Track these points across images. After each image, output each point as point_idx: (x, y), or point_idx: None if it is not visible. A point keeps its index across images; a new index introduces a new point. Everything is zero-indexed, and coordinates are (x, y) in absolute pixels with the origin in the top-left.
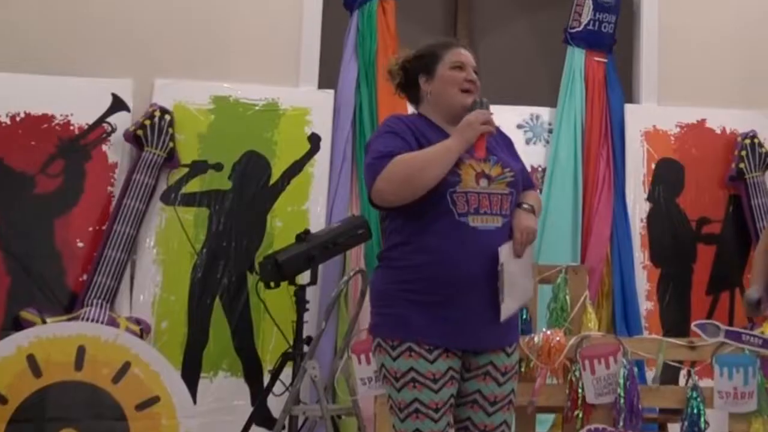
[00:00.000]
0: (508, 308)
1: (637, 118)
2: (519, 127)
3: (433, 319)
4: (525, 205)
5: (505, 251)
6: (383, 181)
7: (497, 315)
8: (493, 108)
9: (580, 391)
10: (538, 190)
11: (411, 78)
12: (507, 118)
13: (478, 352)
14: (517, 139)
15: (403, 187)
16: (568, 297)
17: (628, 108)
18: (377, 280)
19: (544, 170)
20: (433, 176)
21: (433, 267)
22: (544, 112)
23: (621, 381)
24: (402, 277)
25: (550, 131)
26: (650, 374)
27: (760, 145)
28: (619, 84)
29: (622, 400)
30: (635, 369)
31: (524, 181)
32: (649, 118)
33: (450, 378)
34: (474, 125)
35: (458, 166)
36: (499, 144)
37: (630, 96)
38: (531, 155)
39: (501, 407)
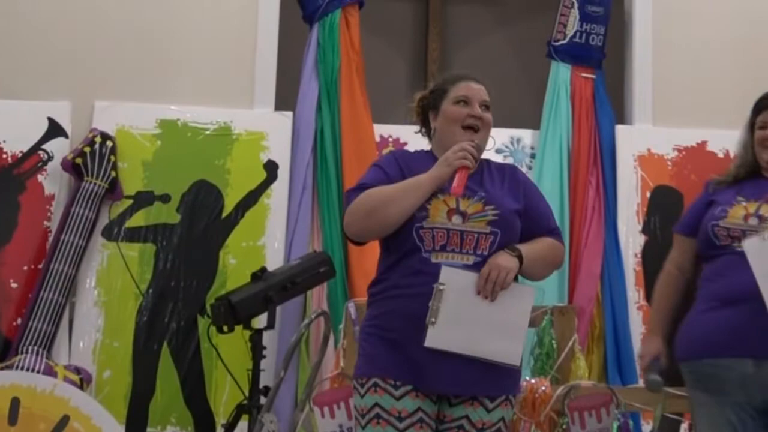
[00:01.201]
0: (438, 339)
1: (630, 141)
2: (498, 151)
3: (400, 357)
4: (509, 247)
5: (453, 275)
6: (349, 214)
7: (472, 360)
8: None
9: None
10: (561, 242)
11: (425, 115)
12: None
13: (453, 403)
14: None
15: (366, 221)
16: (554, 341)
17: (620, 129)
18: (363, 319)
19: None
20: (397, 211)
21: (399, 304)
22: (526, 135)
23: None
24: (374, 313)
25: (533, 156)
26: (647, 428)
27: None
28: (609, 103)
29: None
30: (630, 422)
31: (539, 226)
32: (643, 140)
33: (419, 420)
34: (449, 160)
35: (428, 201)
36: (502, 181)
37: (621, 116)
38: None
39: None
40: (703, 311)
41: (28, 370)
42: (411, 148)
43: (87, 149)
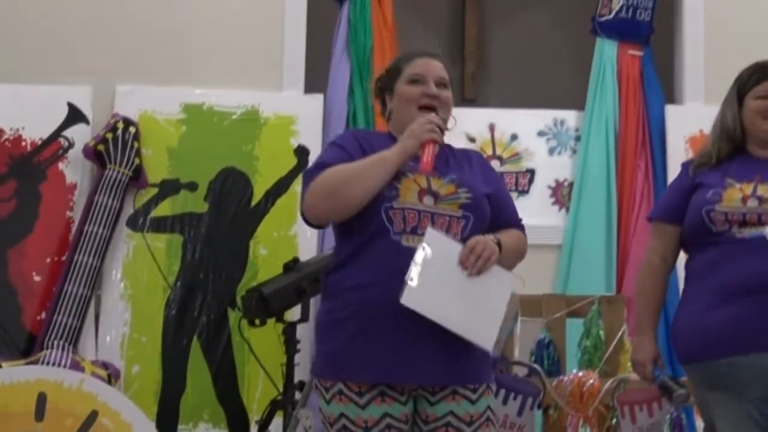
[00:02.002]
0: (414, 300)
1: (681, 122)
2: (541, 134)
3: (364, 352)
4: (489, 235)
5: (438, 239)
6: (310, 194)
7: (440, 347)
8: (510, 112)
9: None
10: (524, 234)
11: (384, 97)
12: (526, 123)
13: (433, 401)
14: (539, 148)
15: (329, 202)
16: (602, 332)
17: (670, 110)
18: (318, 312)
19: (570, 185)
20: (361, 191)
21: (362, 293)
22: (570, 117)
23: (666, 430)
24: (335, 305)
25: (578, 138)
26: (701, 423)
27: None
28: (658, 81)
29: None
30: (683, 417)
31: (505, 216)
32: (695, 120)
33: (387, 427)
34: (416, 132)
35: (398, 180)
36: (470, 165)
37: (671, 95)
38: (555, 167)
39: None
40: (708, 307)
41: (54, 365)
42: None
43: (109, 135)
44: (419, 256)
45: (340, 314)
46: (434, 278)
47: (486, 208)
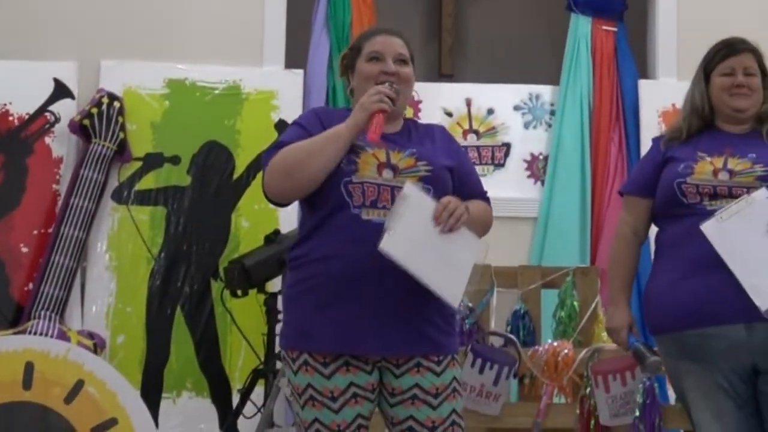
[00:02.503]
0: (393, 247)
1: (654, 96)
2: (516, 108)
3: (329, 324)
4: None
5: (415, 193)
6: (268, 174)
7: (402, 318)
8: (486, 87)
9: (592, 411)
10: (490, 207)
11: (348, 74)
12: (502, 98)
13: (398, 374)
14: (515, 122)
15: (287, 180)
16: (576, 303)
17: (643, 84)
18: (284, 284)
19: (546, 158)
20: (316, 167)
21: (325, 265)
22: (546, 91)
23: (639, 400)
24: (298, 277)
25: (553, 113)
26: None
27: None
28: (631, 56)
29: (640, 422)
30: (656, 386)
31: (470, 189)
32: (668, 95)
33: (353, 396)
34: (365, 104)
35: (357, 155)
36: (432, 139)
37: (645, 70)
38: (531, 141)
39: (444, 431)
40: (680, 279)
41: (41, 335)
42: (425, 105)
43: (94, 110)
44: (399, 206)
45: (303, 286)
46: (410, 230)
47: (447, 180)
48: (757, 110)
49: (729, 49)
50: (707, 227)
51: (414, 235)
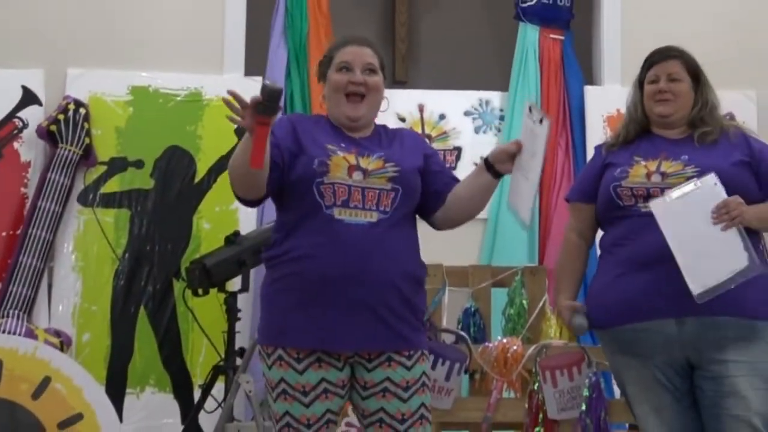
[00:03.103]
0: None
1: (599, 102)
2: (467, 114)
3: (304, 321)
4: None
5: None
6: (230, 177)
7: (375, 315)
8: (438, 93)
9: (541, 405)
10: None
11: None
12: (454, 104)
13: (370, 368)
14: (466, 127)
15: (238, 182)
16: (525, 301)
17: (589, 90)
18: (261, 284)
19: None
20: (241, 170)
21: (301, 264)
22: (495, 97)
23: (586, 394)
24: (275, 276)
25: (502, 118)
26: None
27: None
28: (577, 64)
29: (587, 416)
30: (602, 381)
31: (446, 178)
32: (613, 100)
33: (323, 391)
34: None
35: (328, 157)
36: (401, 143)
37: (590, 77)
38: (481, 145)
39: (412, 423)
40: (617, 277)
41: (9, 333)
42: (380, 111)
43: (61, 116)
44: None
45: (280, 285)
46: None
47: (415, 181)
48: (684, 114)
49: (656, 57)
50: (656, 205)
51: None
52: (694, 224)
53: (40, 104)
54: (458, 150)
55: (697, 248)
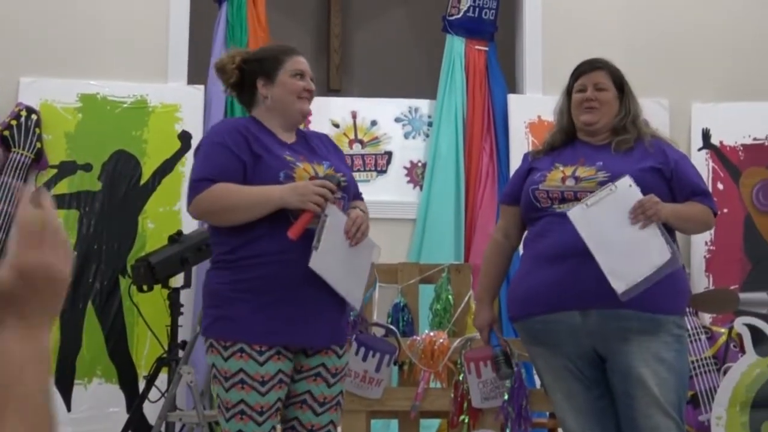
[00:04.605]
0: (319, 264)
1: (521, 109)
2: (397, 120)
3: (265, 319)
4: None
5: (334, 212)
6: (196, 208)
7: (328, 313)
8: (370, 101)
9: (465, 395)
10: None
11: (248, 80)
12: (385, 111)
13: (310, 354)
14: (396, 132)
15: (209, 217)
16: (451, 297)
17: (512, 98)
18: (210, 281)
19: (424, 165)
20: (240, 219)
21: (263, 266)
22: (424, 105)
23: (508, 384)
24: (235, 276)
25: (430, 124)
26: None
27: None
28: (501, 73)
29: (509, 405)
30: (523, 371)
31: (355, 189)
32: (534, 108)
33: (279, 381)
34: (306, 197)
35: (292, 169)
36: (329, 150)
37: (513, 86)
38: (410, 150)
39: (329, 408)
40: (529, 271)
41: None
42: (315, 118)
43: (14, 122)
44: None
45: (244, 285)
46: (330, 245)
47: (353, 188)
48: (607, 122)
49: (583, 67)
50: (573, 213)
51: (332, 250)
52: (612, 226)
53: None
54: (389, 154)
55: (618, 249)
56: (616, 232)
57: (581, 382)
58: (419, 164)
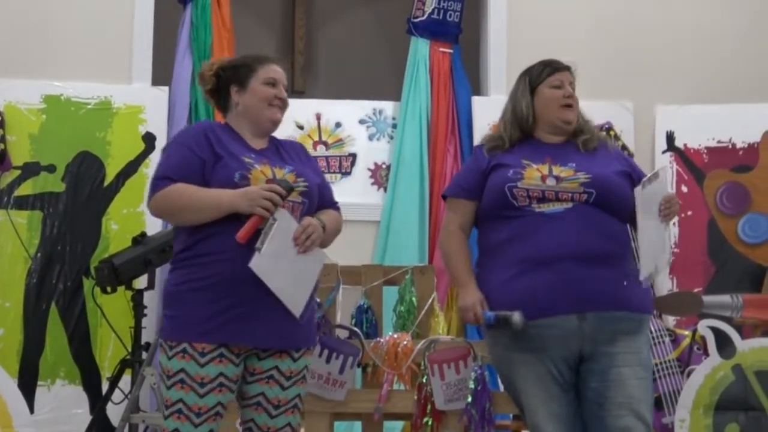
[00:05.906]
0: (260, 267)
1: (486, 111)
2: (361, 122)
3: (214, 318)
4: (316, 218)
5: (285, 217)
6: (153, 206)
7: (279, 316)
8: (335, 102)
9: (429, 397)
10: (340, 214)
11: (223, 86)
12: (349, 113)
13: (263, 357)
14: (360, 134)
15: (163, 216)
16: (415, 299)
17: (476, 100)
18: (168, 283)
19: (388, 167)
20: (190, 220)
21: (216, 266)
22: (388, 107)
23: (471, 386)
24: (189, 276)
25: (394, 126)
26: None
27: (617, 137)
28: (465, 75)
29: (472, 407)
30: (486, 374)
31: (326, 198)
32: (498, 110)
33: (219, 385)
34: (254, 201)
35: (248, 171)
36: (300, 157)
37: (477, 88)
38: (374, 152)
39: (285, 410)
40: (515, 275)
41: None
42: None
43: None
44: (270, 229)
45: (193, 285)
46: (275, 249)
47: (316, 194)
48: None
49: (557, 64)
50: (637, 192)
51: (277, 254)
52: (649, 212)
53: None
54: (353, 156)
55: (652, 235)
56: (653, 218)
57: (561, 387)
58: (383, 166)
